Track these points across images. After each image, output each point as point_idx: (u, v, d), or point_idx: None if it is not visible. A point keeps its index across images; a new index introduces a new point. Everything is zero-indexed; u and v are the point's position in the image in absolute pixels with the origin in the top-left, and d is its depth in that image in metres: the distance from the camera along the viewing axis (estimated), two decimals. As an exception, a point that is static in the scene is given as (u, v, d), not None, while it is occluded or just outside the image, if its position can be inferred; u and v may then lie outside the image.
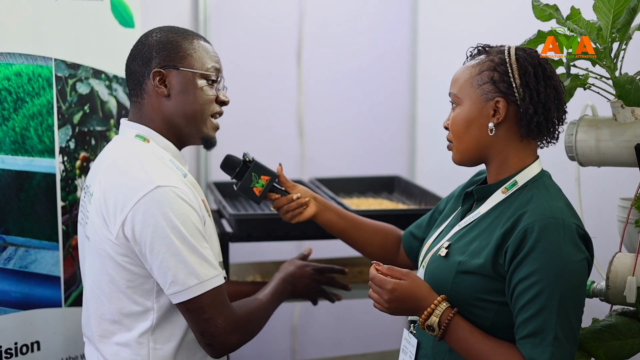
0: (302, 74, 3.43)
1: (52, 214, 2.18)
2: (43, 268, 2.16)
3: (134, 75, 1.88)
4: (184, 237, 1.73)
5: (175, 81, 1.86)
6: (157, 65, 1.85)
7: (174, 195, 1.73)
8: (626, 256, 1.85)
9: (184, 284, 1.74)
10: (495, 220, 1.67)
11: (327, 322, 3.54)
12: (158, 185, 1.73)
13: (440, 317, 1.62)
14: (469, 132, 1.70)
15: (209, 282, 1.76)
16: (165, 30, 1.90)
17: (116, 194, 1.76)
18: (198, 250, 1.75)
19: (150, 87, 1.86)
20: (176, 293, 1.75)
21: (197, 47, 1.89)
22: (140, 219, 1.72)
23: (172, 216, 1.72)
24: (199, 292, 1.75)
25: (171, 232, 1.72)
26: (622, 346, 1.77)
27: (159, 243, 1.72)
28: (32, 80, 2.12)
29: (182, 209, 1.74)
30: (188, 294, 1.74)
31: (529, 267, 1.56)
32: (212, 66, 1.90)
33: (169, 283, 1.74)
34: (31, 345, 2.14)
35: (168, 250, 1.72)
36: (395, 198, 2.99)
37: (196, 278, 1.74)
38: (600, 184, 2.37)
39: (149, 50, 1.87)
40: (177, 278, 1.73)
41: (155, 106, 1.87)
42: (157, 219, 1.71)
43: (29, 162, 2.12)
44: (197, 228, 1.76)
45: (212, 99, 1.90)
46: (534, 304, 1.55)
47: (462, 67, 1.74)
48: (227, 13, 3.29)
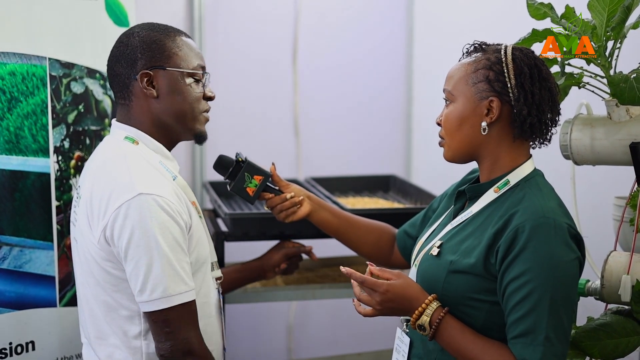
0: (297, 72, 3.43)
1: (47, 213, 2.17)
2: (38, 268, 2.16)
3: (118, 77, 1.86)
4: (160, 248, 1.70)
5: (163, 82, 1.84)
6: (144, 67, 1.84)
7: (155, 205, 1.71)
8: (621, 255, 1.86)
9: (151, 296, 1.72)
10: (487, 220, 1.67)
11: (323, 321, 3.54)
12: (140, 193, 1.71)
13: (431, 316, 1.62)
14: (462, 130, 1.70)
15: (177, 297, 1.73)
16: (146, 29, 1.87)
17: (100, 198, 1.76)
18: (172, 263, 1.72)
19: (138, 89, 1.85)
20: (142, 302, 1.73)
21: (181, 45, 1.87)
22: (119, 224, 1.71)
23: (151, 225, 1.70)
24: (164, 305, 1.72)
25: (147, 241, 1.70)
26: (617, 345, 1.78)
27: (133, 250, 1.71)
28: (27, 80, 2.11)
29: (162, 219, 1.71)
30: (152, 306, 1.72)
31: (520, 266, 1.56)
32: (197, 64, 1.89)
33: (137, 291, 1.73)
34: (26, 345, 2.13)
35: (141, 258, 1.70)
36: (390, 197, 2.99)
37: (163, 291, 1.71)
38: (595, 182, 2.37)
39: (132, 51, 1.84)
40: (144, 287, 1.71)
41: (144, 108, 1.86)
42: (135, 226, 1.70)
43: (24, 162, 2.12)
44: (176, 240, 1.74)
45: (200, 96, 1.89)
46: (525, 303, 1.55)
47: (458, 64, 1.74)
48: (222, 12, 3.28)
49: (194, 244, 1.83)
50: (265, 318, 3.43)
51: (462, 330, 1.62)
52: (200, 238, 1.87)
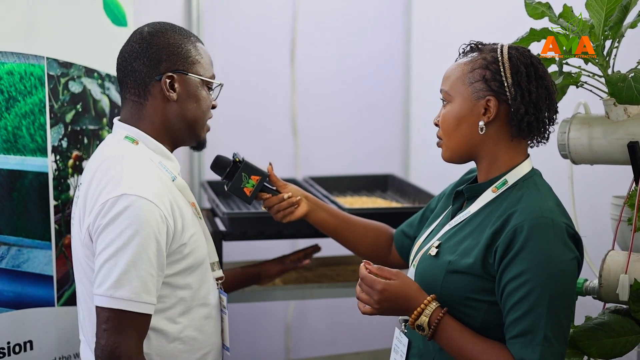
0: (295, 72, 3.43)
1: (45, 213, 2.17)
2: (36, 267, 2.15)
3: (136, 74, 1.85)
4: (127, 251, 1.69)
5: (184, 87, 1.86)
6: (168, 69, 1.84)
7: (137, 207, 1.70)
8: (619, 254, 1.86)
9: (105, 292, 1.69)
10: (485, 220, 1.67)
11: (321, 320, 3.54)
12: (124, 193, 1.71)
13: (430, 317, 1.62)
14: (459, 130, 1.70)
15: (127, 303, 1.69)
16: (170, 31, 1.88)
17: (92, 196, 1.76)
18: (136, 268, 1.69)
19: (158, 89, 1.85)
20: (95, 295, 1.71)
21: (202, 53, 1.90)
22: (99, 221, 1.71)
23: (125, 226, 1.69)
24: (111, 305, 1.68)
25: (118, 240, 1.69)
26: (615, 344, 1.78)
27: (103, 244, 1.70)
28: (24, 79, 2.11)
29: (140, 222, 1.69)
30: (100, 301, 1.70)
31: (518, 266, 1.56)
32: (212, 74, 1.92)
33: (97, 284, 1.70)
34: (24, 345, 2.13)
35: (108, 254, 1.69)
36: (389, 196, 2.99)
37: (117, 291, 1.68)
38: (593, 182, 2.37)
39: (157, 51, 1.84)
40: (102, 282, 1.69)
41: (158, 109, 1.86)
42: (110, 224, 1.70)
43: (21, 161, 2.12)
44: (142, 244, 1.70)
45: (211, 105, 1.92)
46: (523, 303, 1.55)
47: (454, 64, 1.74)
48: (220, 11, 3.28)
49: (188, 247, 1.82)
50: (263, 317, 3.43)
51: (461, 331, 1.62)
52: (197, 240, 1.86)
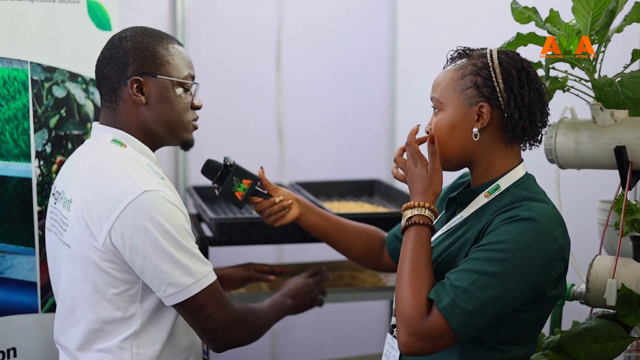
0: (281, 76, 3.42)
1: (29, 219, 2.15)
2: (19, 274, 2.14)
3: (107, 80, 1.86)
4: (175, 239, 1.73)
5: (153, 89, 1.84)
6: (135, 73, 1.83)
7: (161, 199, 1.73)
8: (606, 259, 1.85)
9: (181, 285, 1.75)
10: (473, 224, 1.65)
11: (307, 326, 3.53)
12: (145, 190, 1.72)
13: (414, 216, 1.63)
14: (453, 138, 1.68)
15: (205, 279, 1.78)
16: (140, 34, 1.87)
17: (101, 201, 1.74)
18: (190, 250, 1.76)
19: (127, 94, 1.84)
20: (173, 294, 1.75)
21: (174, 53, 1.87)
22: (129, 226, 1.71)
23: (161, 220, 1.72)
24: (196, 290, 1.76)
25: (161, 237, 1.72)
26: (603, 349, 1.77)
27: (150, 248, 1.72)
28: (8, 84, 2.09)
29: (170, 211, 1.74)
30: (186, 294, 1.75)
31: (497, 234, 1.55)
32: (188, 73, 1.89)
33: (166, 285, 1.74)
34: (7, 352, 2.11)
35: (161, 254, 1.72)
36: (375, 201, 2.99)
37: (192, 277, 1.75)
38: (579, 186, 2.37)
39: (124, 55, 1.84)
40: (173, 280, 1.74)
41: (131, 113, 1.85)
42: (146, 224, 1.71)
43: (5, 167, 2.10)
44: (185, 228, 1.78)
45: (188, 106, 1.90)
46: (474, 263, 1.53)
47: (444, 71, 1.72)
48: (206, 15, 3.27)
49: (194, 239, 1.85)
50: (249, 323, 3.41)
51: (421, 246, 1.60)
52: None
